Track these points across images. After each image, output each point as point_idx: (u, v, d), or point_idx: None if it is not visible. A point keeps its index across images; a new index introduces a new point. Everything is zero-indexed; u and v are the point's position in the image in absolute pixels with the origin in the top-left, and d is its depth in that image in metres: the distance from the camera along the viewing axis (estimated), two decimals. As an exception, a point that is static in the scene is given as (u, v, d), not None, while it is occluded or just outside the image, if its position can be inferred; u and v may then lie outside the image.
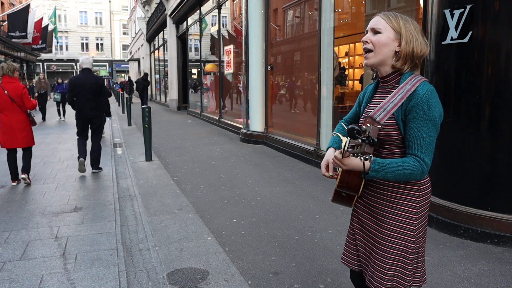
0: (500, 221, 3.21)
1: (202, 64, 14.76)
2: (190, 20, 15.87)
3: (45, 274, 2.86)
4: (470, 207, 3.35)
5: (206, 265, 2.94)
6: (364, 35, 1.58)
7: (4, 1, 27.75)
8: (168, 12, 17.99)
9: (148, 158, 6.75)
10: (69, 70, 44.51)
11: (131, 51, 39.33)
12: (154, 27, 22.64)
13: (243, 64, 8.99)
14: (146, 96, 18.78)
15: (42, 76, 15.30)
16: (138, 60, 33.38)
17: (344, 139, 1.48)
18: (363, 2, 7.28)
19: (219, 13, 11.81)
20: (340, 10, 7.14)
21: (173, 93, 18.84)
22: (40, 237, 3.54)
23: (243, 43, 8.89)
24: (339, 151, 1.48)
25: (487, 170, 3.30)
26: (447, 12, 3.37)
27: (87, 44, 46.93)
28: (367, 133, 1.35)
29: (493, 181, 3.29)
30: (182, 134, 10.17)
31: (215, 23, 12.53)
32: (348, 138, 1.42)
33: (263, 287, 2.65)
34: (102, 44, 47.80)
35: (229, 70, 11.18)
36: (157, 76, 26.17)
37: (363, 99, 1.73)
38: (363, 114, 1.66)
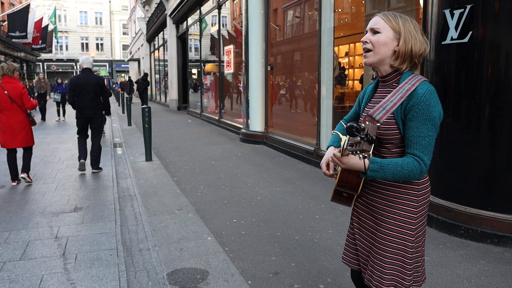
0: (500, 221, 3.21)
1: (202, 64, 14.76)
2: (190, 20, 15.88)
3: (45, 274, 2.86)
4: (470, 207, 3.35)
5: (206, 265, 2.94)
6: (364, 35, 1.58)
7: (4, 1, 27.76)
8: (168, 12, 18.00)
9: (148, 158, 6.76)
10: (69, 70, 44.55)
11: (131, 51, 39.33)
12: (154, 27, 22.65)
13: (243, 64, 8.99)
14: (146, 96, 18.80)
15: (42, 76, 15.30)
16: (138, 60, 33.39)
17: (344, 138, 1.49)
18: (363, 2, 7.29)
19: (219, 13, 11.81)
20: (340, 10, 7.14)
21: (173, 93, 18.86)
22: (40, 237, 3.54)
23: (243, 43, 8.88)
24: (339, 150, 1.49)
25: (487, 170, 3.30)
26: (447, 12, 3.37)
27: (87, 44, 46.94)
28: (366, 131, 1.35)
29: (493, 181, 3.29)
30: (182, 134, 10.17)
31: (215, 23, 12.54)
32: (347, 136, 1.42)
33: (263, 287, 2.65)
34: (102, 44, 47.81)
35: (229, 70, 11.19)
36: (157, 76, 26.18)
37: (363, 99, 1.73)
38: (363, 113, 1.67)
